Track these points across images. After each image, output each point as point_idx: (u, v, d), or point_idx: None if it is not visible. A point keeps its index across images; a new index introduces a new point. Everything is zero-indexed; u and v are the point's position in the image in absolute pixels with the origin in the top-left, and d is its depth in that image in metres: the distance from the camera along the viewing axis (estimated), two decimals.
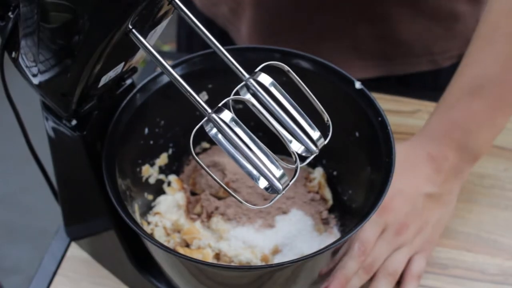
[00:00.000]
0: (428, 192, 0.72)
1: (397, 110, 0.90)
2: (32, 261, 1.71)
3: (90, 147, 0.61)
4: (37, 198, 1.74)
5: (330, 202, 0.73)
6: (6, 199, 1.89)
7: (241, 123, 0.47)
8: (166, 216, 0.70)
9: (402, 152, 0.70)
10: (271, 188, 0.48)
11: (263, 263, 0.65)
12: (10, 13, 0.53)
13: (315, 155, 0.51)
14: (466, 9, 0.89)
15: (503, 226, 0.79)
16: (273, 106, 0.50)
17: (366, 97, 0.63)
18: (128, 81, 0.64)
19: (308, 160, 0.50)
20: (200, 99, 0.49)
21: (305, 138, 0.51)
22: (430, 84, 0.94)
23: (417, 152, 0.73)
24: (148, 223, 0.70)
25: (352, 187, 0.70)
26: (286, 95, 0.50)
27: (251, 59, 0.63)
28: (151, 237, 0.54)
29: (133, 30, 0.49)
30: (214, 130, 0.48)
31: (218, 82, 0.67)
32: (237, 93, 0.50)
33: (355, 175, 0.67)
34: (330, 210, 0.73)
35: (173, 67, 0.55)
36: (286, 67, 0.50)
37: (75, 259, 0.76)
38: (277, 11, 0.90)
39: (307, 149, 0.51)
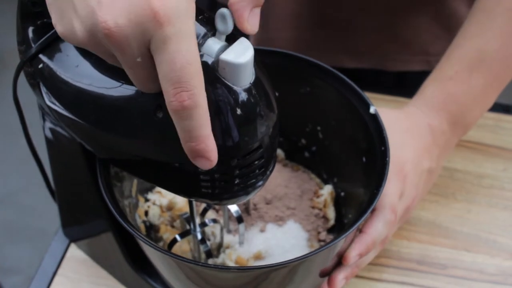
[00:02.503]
0: (428, 167, 0.70)
1: None
2: (32, 261, 1.71)
3: (87, 148, 0.61)
4: (37, 198, 1.75)
5: (332, 222, 0.71)
6: (6, 199, 1.89)
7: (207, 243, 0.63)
8: (167, 196, 0.70)
9: (405, 119, 0.70)
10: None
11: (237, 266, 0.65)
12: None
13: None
14: (467, 12, 0.89)
15: (502, 226, 0.79)
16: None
17: (377, 123, 0.62)
18: None
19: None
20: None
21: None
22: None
23: (418, 121, 0.71)
24: (147, 200, 0.70)
25: (352, 211, 0.68)
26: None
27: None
28: (146, 238, 0.54)
29: None
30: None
31: None
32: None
33: (356, 200, 0.66)
34: (330, 230, 0.71)
35: None
36: None
37: (75, 259, 0.76)
38: None
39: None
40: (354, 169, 0.66)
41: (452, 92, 0.72)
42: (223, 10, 0.45)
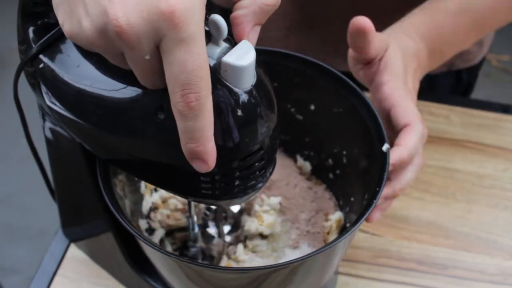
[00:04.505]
0: (411, 88, 0.69)
1: None
2: (32, 261, 1.71)
3: (87, 148, 0.61)
4: (37, 198, 1.75)
5: None
6: (6, 199, 1.89)
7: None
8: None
9: (403, 45, 0.70)
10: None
11: None
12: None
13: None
14: None
15: (502, 226, 0.79)
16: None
17: (386, 160, 0.59)
18: None
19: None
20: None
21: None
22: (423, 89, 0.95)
23: (409, 46, 0.71)
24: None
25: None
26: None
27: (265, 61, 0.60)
28: (146, 238, 0.54)
29: None
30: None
31: None
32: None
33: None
34: None
35: None
36: None
37: (75, 259, 0.76)
38: None
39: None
40: (361, 205, 0.62)
41: (440, 24, 0.74)
42: (216, 17, 0.44)
